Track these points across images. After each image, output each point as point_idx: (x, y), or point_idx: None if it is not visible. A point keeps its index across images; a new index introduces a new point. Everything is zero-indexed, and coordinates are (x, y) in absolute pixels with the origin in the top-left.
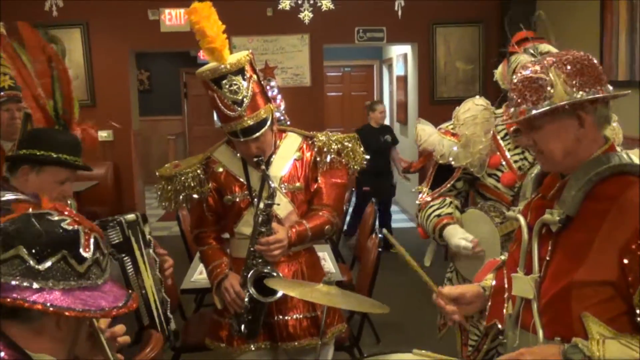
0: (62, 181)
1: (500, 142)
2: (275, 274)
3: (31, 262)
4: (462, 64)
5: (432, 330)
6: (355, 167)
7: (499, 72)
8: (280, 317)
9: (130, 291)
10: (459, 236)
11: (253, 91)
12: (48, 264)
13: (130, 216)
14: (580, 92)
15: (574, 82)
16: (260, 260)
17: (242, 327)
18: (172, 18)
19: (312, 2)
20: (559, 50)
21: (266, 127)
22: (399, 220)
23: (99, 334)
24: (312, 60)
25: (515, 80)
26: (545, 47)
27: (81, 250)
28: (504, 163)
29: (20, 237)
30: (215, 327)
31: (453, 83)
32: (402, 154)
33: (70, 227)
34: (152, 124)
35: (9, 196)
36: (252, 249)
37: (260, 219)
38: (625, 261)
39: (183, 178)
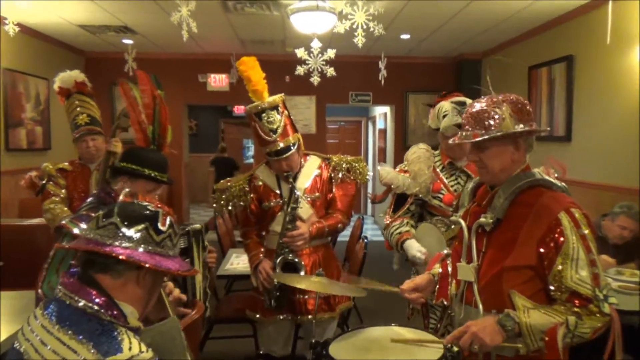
0: (149, 191)
1: (439, 172)
2: (297, 260)
3: (123, 228)
4: (427, 121)
5: (403, 315)
6: (362, 181)
7: (429, 117)
8: (301, 296)
9: (192, 265)
10: (415, 249)
11: (284, 123)
12: (134, 230)
13: (197, 226)
14: (520, 125)
15: (516, 116)
16: (287, 250)
17: (272, 301)
18: (216, 81)
19: (319, 70)
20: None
21: (293, 150)
22: (378, 235)
23: (164, 295)
24: (317, 115)
25: (468, 112)
26: (457, 98)
27: (159, 224)
28: (443, 188)
29: (118, 211)
30: (253, 302)
31: (420, 134)
32: (378, 186)
33: (153, 209)
34: (197, 159)
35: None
36: (281, 241)
37: (288, 218)
38: (542, 250)
39: (232, 190)
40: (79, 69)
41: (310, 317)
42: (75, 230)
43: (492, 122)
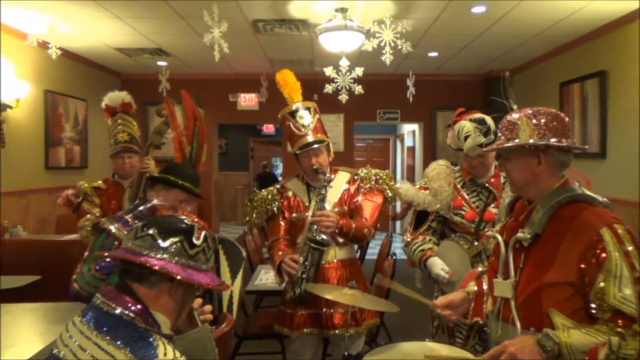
0: (181, 201)
1: (460, 189)
2: (324, 237)
3: (159, 240)
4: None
5: (429, 333)
6: (390, 194)
7: (449, 137)
8: (328, 310)
9: (223, 280)
10: (439, 267)
11: (316, 122)
12: (169, 242)
13: (231, 239)
14: (544, 139)
15: (540, 130)
16: (315, 229)
17: (297, 291)
18: (246, 100)
19: (347, 88)
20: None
21: (323, 144)
22: None
23: (193, 310)
24: (345, 132)
25: (502, 122)
26: (476, 115)
27: (194, 238)
28: (464, 204)
29: (155, 224)
30: (282, 317)
31: (449, 152)
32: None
33: (189, 223)
34: (226, 177)
35: (155, 201)
36: (309, 220)
37: (319, 198)
38: (582, 266)
39: (262, 195)
40: (116, 90)
41: (337, 331)
42: (111, 228)
43: (513, 133)
